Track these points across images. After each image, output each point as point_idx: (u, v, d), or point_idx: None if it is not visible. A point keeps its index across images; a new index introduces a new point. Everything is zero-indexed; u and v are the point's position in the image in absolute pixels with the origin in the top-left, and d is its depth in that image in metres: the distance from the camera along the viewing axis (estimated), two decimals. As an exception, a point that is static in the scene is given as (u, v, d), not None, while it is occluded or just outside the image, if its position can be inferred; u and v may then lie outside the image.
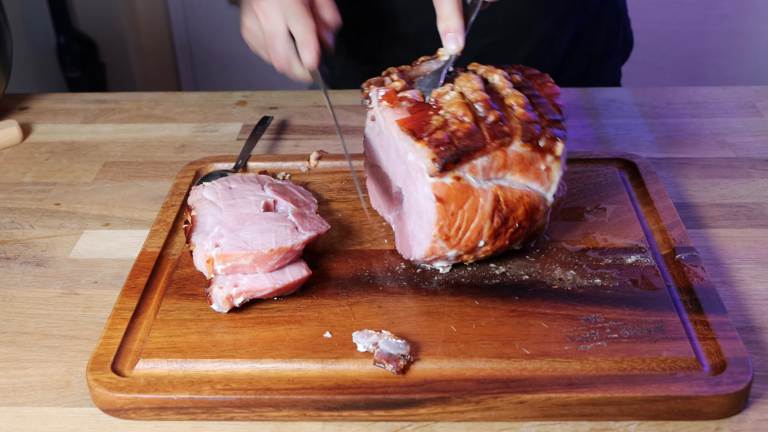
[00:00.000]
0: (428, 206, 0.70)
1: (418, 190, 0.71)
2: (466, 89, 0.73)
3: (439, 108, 0.72)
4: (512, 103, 0.72)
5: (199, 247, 0.72)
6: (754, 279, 0.77)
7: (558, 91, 0.76)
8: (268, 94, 1.19)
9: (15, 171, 1.01)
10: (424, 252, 0.72)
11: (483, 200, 0.70)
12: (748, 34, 2.64)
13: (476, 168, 0.70)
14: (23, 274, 0.81)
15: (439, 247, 0.71)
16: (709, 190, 0.92)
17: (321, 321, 0.70)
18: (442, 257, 0.73)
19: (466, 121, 0.70)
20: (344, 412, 0.63)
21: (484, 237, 0.71)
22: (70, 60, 2.44)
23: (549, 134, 0.71)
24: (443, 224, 0.70)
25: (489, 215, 0.70)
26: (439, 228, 0.70)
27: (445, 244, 0.71)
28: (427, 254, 0.72)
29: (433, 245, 0.71)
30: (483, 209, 0.70)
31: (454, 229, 0.70)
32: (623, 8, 1.29)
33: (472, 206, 0.70)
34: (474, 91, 0.73)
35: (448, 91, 0.74)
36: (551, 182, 0.73)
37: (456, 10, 0.76)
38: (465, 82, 0.74)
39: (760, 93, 1.14)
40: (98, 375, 0.65)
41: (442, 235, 0.70)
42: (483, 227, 0.71)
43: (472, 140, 0.69)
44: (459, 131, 0.69)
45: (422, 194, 0.71)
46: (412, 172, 0.72)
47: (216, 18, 2.83)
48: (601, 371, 0.64)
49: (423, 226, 0.72)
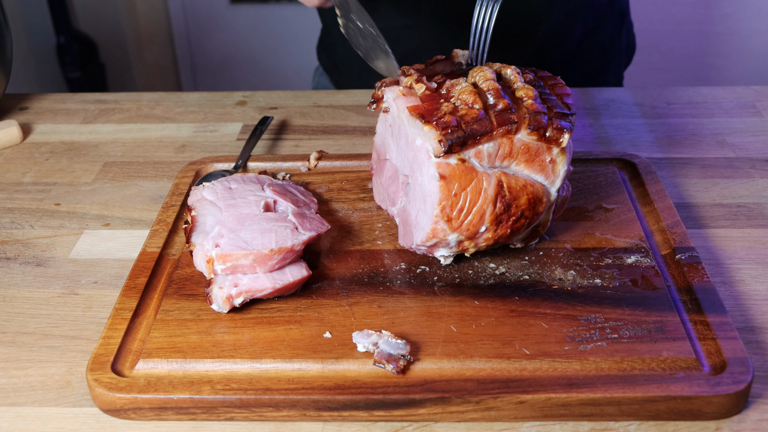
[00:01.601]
0: (432, 188, 0.70)
1: (423, 173, 0.72)
2: (479, 78, 0.74)
3: (450, 96, 0.73)
4: (522, 95, 0.73)
5: (199, 247, 0.73)
6: (754, 279, 0.77)
7: (569, 92, 0.77)
8: (268, 94, 1.19)
9: (15, 171, 1.01)
10: (426, 234, 0.72)
11: (486, 183, 0.70)
12: (748, 34, 2.64)
13: (482, 153, 0.71)
14: (23, 274, 0.81)
15: (441, 229, 0.71)
16: (709, 190, 0.92)
17: (321, 321, 0.70)
18: (443, 242, 0.73)
19: (475, 108, 0.70)
20: (344, 412, 0.63)
21: (486, 222, 0.71)
22: (70, 60, 2.44)
23: (556, 125, 0.71)
24: (446, 204, 0.70)
25: (492, 199, 0.71)
26: (442, 208, 0.70)
27: (446, 226, 0.71)
28: (428, 237, 0.72)
29: (434, 226, 0.71)
30: (486, 192, 0.70)
31: (456, 210, 0.70)
32: (626, 10, 1.29)
33: (476, 189, 0.70)
34: (486, 80, 0.74)
35: (461, 81, 0.74)
36: (556, 176, 0.73)
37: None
38: (478, 72, 0.75)
39: (760, 93, 1.14)
40: (98, 375, 0.65)
41: (444, 216, 0.70)
42: (485, 211, 0.71)
43: (479, 125, 0.70)
44: (467, 116, 0.70)
45: (427, 176, 0.71)
46: (419, 156, 0.72)
47: (216, 18, 2.83)
48: (601, 371, 0.64)
49: (426, 210, 0.72)
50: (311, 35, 1.46)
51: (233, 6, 2.81)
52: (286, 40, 2.83)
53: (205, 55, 2.89)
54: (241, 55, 2.89)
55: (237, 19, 2.83)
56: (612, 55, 1.29)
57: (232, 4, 2.81)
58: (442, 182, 0.69)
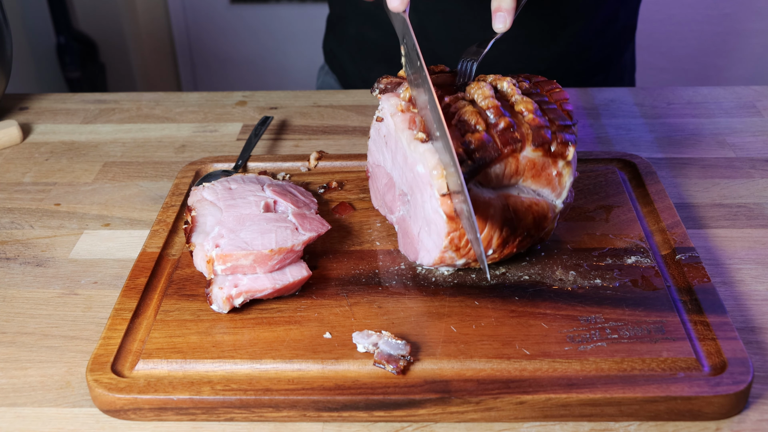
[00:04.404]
0: (437, 219, 0.70)
1: (426, 201, 0.71)
2: (478, 96, 0.74)
3: (452, 116, 0.72)
4: (522, 109, 0.72)
5: (200, 248, 0.72)
6: (754, 279, 0.77)
7: (567, 96, 0.76)
8: (268, 94, 1.19)
9: (15, 171, 1.01)
10: (433, 260, 0.73)
11: (493, 211, 0.70)
12: (748, 34, 2.64)
13: (489, 176, 0.70)
14: (23, 274, 0.81)
15: (449, 257, 0.72)
16: (709, 190, 0.92)
17: (321, 321, 0.70)
18: (450, 265, 0.73)
19: (479, 130, 0.70)
20: (344, 412, 0.63)
21: (493, 246, 0.71)
22: (70, 60, 2.44)
23: (560, 139, 0.71)
24: (454, 236, 0.70)
25: (498, 226, 0.71)
26: (450, 240, 0.70)
27: (454, 254, 0.71)
28: (436, 263, 0.73)
29: (442, 255, 0.71)
30: (493, 220, 0.70)
31: (464, 241, 0.70)
32: (634, 27, 1.29)
33: (482, 218, 0.70)
34: (485, 98, 0.73)
35: (459, 96, 0.74)
36: (562, 188, 0.73)
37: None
38: (476, 89, 0.74)
39: (760, 93, 1.14)
40: (98, 375, 0.65)
41: (452, 246, 0.71)
42: (492, 237, 0.71)
43: (486, 153, 0.69)
44: (472, 143, 0.69)
45: (430, 207, 0.71)
46: (419, 182, 0.72)
47: (216, 18, 2.83)
48: (601, 372, 0.64)
49: (431, 235, 0.72)
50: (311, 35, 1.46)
51: (233, 6, 2.81)
52: (286, 40, 2.83)
53: (205, 55, 2.89)
54: (241, 55, 2.89)
55: (237, 19, 2.83)
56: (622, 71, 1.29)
57: (232, 4, 2.81)
58: (449, 219, 0.69)
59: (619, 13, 1.21)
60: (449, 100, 0.74)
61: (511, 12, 0.77)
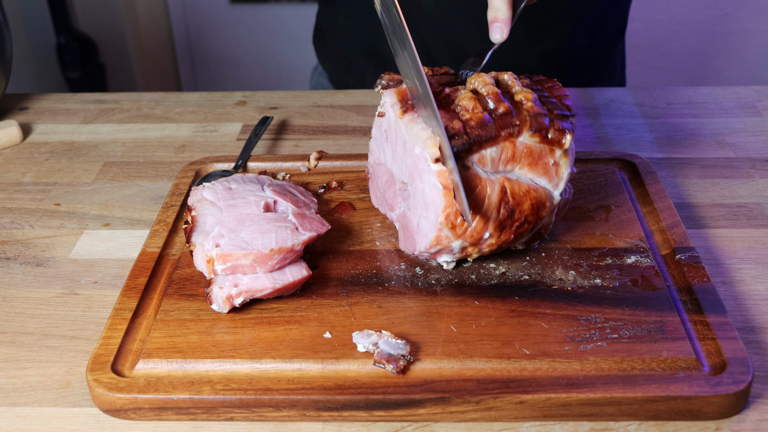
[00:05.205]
0: (435, 195, 0.70)
1: (425, 182, 0.71)
2: (478, 84, 0.74)
3: (451, 102, 0.73)
4: (522, 99, 0.73)
5: (200, 247, 0.73)
6: (754, 279, 0.77)
7: (567, 93, 0.77)
8: (268, 94, 1.19)
9: (15, 171, 1.01)
10: (429, 242, 0.72)
11: (490, 190, 0.70)
12: (748, 34, 2.64)
13: (485, 159, 0.71)
14: (23, 274, 0.81)
15: (445, 236, 0.71)
16: (709, 190, 0.92)
17: (321, 321, 0.70)
18: (447, 248, 0.73)
19: (478, 112, 0.70)
20: (344, 412, 0.63)
21: (489, 228, 0.71)
22: (70, 60, 2.44)
23: (557, 126, 0.71)
24: (450, 212, 0.70)
25: (495, 205, 0.71)
26: (446, 216, 0.70)
27: (450, 233, 0.71)
28: (432, 244, 0.72)
29: (438, 234, 0.71)
30: (490, 199, 0.70)
31: (460, 219, 0.70)
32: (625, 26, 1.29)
33: (479, 195, 0.70)
34: (485, 85, 0.74)
35: (460, 89, 0.74)
36: (559, 179, 0.73)
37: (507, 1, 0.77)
38: (477, 78, 0.75)
39: (760, 93, 1.14)
40: (98, 375, 0.65)
41: (448, 223, 0.70)
42: (489, 217, 0.71)
43: (484, 130, 0.70)
44: (471, 120, 0.70)
45: (428, 185, 0.71)
46: (418, 164, 0.72)
47: (216, 18, 2.83)
48: (601, 371, 0.64)
49: (429, 217, 0.72)
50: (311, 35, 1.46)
51: (233, 6, 2.81)
52: (285, 40, 2.83)
53: (205, 55, 2.89)
54: (241, 55, 2.89)
55: (237, 19, 2.83)
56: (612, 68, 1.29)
57: (232, 4, 2.81)
58: (446, 191, 0.69)
59: (609, 12, 1.21)
60: (449, 91, 0.74)
61: (507, 22, 0.77)
